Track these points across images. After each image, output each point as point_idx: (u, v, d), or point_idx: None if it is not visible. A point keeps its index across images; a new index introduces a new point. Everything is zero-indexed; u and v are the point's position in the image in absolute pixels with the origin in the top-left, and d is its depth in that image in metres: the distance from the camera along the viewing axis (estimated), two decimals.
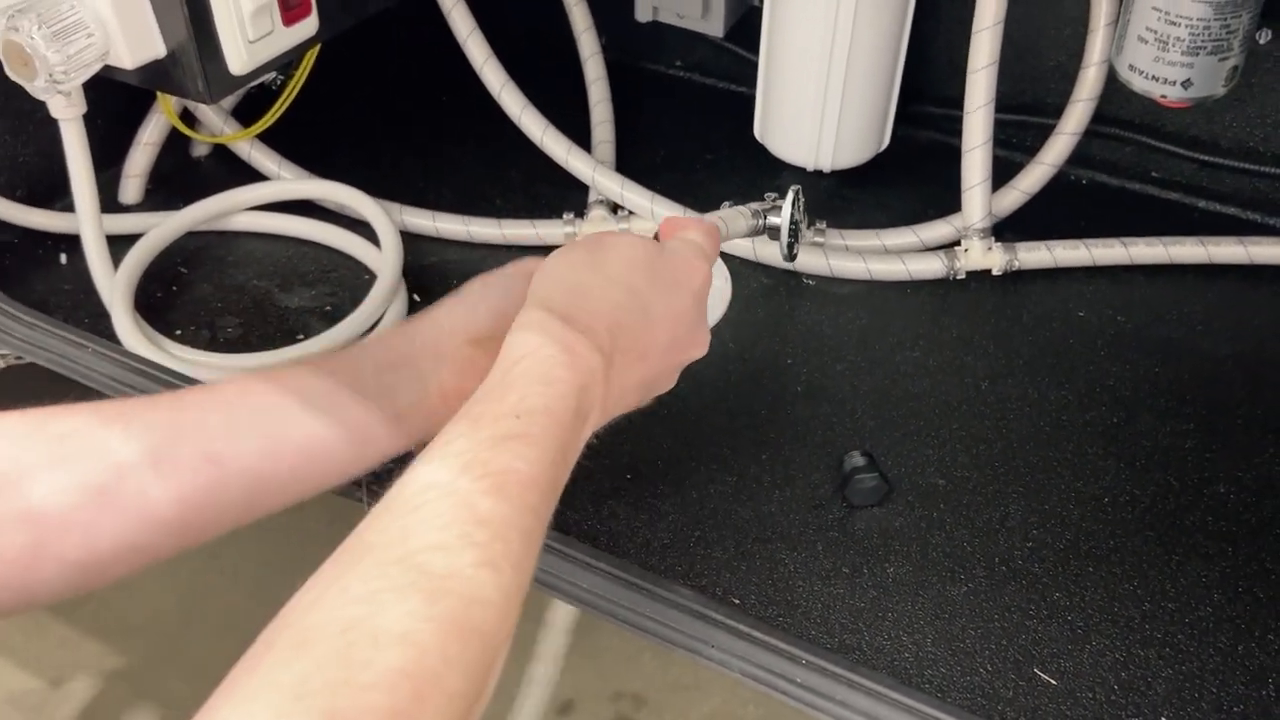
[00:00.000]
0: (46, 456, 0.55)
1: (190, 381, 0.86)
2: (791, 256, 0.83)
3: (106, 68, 0.83)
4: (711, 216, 0.77)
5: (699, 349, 0.67)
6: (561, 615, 1.29)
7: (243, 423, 0.60)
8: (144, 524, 0.56)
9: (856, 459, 0.86)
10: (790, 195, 0.80)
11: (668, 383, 0.67)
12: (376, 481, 0.80)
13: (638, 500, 0.85)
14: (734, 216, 0.79)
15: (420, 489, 0.47)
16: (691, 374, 0.77)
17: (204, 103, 0.98)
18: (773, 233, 0.81)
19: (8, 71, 0.81)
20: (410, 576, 0.43)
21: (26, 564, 0.53)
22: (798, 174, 1.19)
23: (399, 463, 0.76)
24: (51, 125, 0.91)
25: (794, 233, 0.81)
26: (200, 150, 1.20)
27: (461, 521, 0.45)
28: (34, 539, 0.53)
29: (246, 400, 0.61)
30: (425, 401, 0.65)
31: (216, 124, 1.14)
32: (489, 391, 0.53)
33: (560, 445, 0.52)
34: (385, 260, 1.02)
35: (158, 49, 0.84)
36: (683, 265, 0.65)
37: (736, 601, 0.78)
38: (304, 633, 0.41)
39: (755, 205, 0.81)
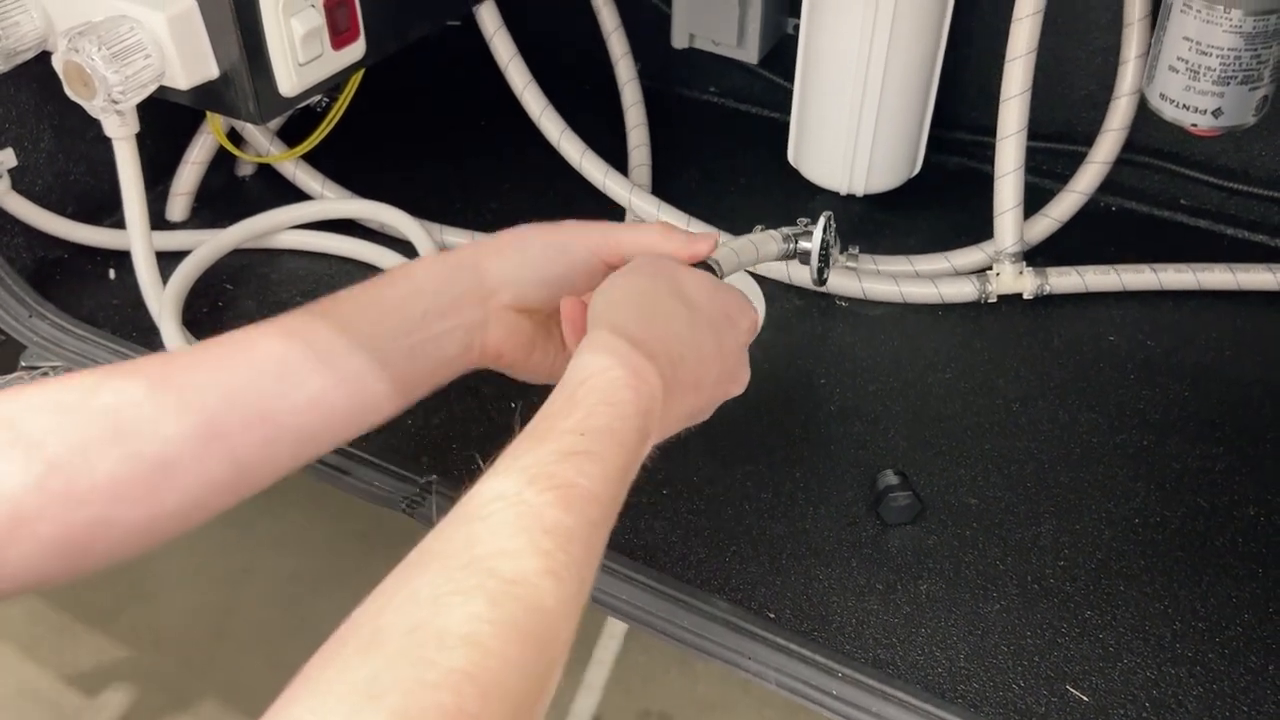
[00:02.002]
0: (101, 432, 0.55)
1: None
2: (821, 281, 0.84)
3: (160, 88, 0.86)
4: (743, 240, 0.79)
5: (739, 387, 0.68)
6: (588, 633, 1.30)
7: (292, 380, 0.60)
8: (203, 488, 0.57)
9: (890, 478, 0.87)
10: (821, 220, 0.81)
11: (706, 415, 0.68)
12: (412, 504, 0.82)
13: (674, 516, 0.86)
14: (765, 240, 0.80)
15: (488, 499, 0.48)
16: None
17: (254, 123, 1.00)
18: (804, 257, 0.82)
19: (67, 91, 0.84)
20: (476, 579, 0.44)
21: (98, 534, 0.55)
22: (830, 198, 1.21)
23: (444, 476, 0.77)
24: (100, 144, 0.93)
25: (825, 257, 0.82)
26: (245, 169, 1.22)
27: (528, 530, 0.47)
28: (103, 512, 0.54)
29: (294, 356, 0.61)
30: (468, 355, 0.66)
31: (262, 144, 1.16)
32: (556, 408, 0.54)
33: (621, 464, 0.53)
34: None
35: (211, 70, 0.86)
36: (736, 304, 0.67)
37: (772, 615, 0.79)
38: (374, 634, 0.42)
39: (787, 229, 0.82)
